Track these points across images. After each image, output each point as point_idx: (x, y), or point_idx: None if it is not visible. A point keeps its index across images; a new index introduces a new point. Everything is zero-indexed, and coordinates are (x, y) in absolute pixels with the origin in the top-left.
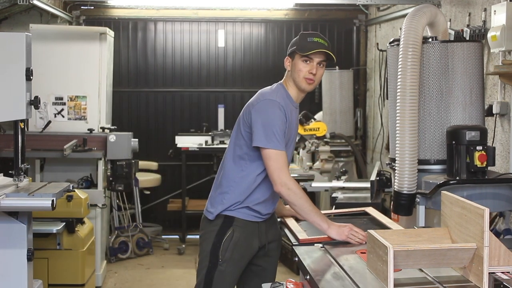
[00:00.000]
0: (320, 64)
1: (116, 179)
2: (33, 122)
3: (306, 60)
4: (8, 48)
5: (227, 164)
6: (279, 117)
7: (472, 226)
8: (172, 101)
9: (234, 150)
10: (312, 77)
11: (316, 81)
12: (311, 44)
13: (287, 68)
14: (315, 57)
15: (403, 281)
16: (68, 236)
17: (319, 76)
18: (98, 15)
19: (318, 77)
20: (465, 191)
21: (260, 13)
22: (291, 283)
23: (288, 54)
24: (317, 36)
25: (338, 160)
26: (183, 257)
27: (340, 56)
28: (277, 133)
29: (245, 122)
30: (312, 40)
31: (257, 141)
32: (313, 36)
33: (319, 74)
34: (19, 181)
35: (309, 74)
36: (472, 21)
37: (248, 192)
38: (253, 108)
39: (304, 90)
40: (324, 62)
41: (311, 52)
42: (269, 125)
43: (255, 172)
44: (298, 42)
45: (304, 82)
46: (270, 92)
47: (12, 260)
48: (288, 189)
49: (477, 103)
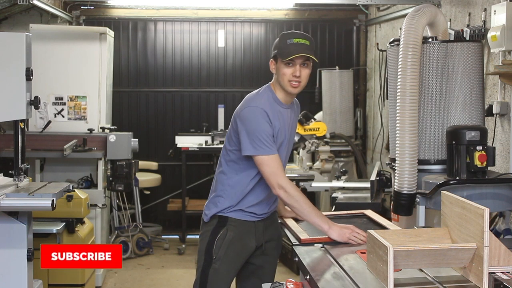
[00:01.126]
0: (304, 64)
1: (116, 179)
2: (33, 122)
3: (288, 63)
4: (8, 48)
5: (222, 167)
6: (262, 122)
7: (472, 226)
8: (172, 101)
9: (228, 155)
10: (296, 80)
11: (303, 82)
12: (291, 47)
13: (272, 71)
14: (297, 59)
15: (403, 281)
16: (68, 236)
17: (305, 76)
18: (98, 15)
19: (303, 78)
20: (465, 191)
21: (260, 13)
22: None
23: (272, 57)
24: (297, 37)
25: (338, 160)
26: (183, 257)
27: (340, 56)
28: (263, 139)
29: (234, 130)
30: (292, 42)
31: (245, 150)
32: (293, 37)
33: (304, 75)
34: (19, 181)
35: (293, 77)
36: (472, 21)
37: (242, 196)
38: (238, 116)
39: (291, 93)
40: (308, 61)
41: (291, 57)
42: (253, 132)
43: (249, 177)
44: (278, 45)
45: (289, 86)
46: (254, 97)
47: (12, 260)
48: (285, 192)
49: (477, 103)
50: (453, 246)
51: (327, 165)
